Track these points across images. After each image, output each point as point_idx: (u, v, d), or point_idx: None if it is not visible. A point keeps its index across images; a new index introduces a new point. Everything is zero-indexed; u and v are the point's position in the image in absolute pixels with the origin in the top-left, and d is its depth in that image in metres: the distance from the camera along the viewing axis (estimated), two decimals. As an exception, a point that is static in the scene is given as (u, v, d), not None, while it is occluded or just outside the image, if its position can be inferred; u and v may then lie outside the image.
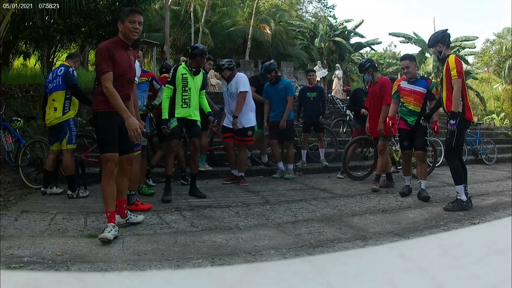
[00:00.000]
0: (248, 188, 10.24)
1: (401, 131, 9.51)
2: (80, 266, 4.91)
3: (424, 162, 9.49)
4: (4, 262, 4.90)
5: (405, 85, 9.33)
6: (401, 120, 9.43)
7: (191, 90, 8.79)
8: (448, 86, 8.15)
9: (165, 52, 32.33)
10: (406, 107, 9.30)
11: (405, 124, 9.33)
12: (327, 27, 42.37)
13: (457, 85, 7.97)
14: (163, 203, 8.51)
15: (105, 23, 16.98)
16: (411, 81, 9.26)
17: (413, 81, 9.26)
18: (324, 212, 7.92)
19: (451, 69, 8.03)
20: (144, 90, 9.21)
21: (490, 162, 15.98)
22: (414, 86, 9.24)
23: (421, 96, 9.21)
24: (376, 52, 61.32)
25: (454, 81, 8.00)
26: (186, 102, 8.75)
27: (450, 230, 2.94)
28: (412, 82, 9.26)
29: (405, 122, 9.32)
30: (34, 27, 18.00)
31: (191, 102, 8.77)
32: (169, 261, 5.14)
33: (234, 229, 6.71)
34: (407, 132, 9.33)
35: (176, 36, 38.70)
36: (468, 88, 34.21)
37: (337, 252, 0.94)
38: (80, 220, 7.09)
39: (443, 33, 8.49)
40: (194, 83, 8.87)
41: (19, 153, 9.99)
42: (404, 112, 9.36)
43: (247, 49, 37.34)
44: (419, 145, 9.21)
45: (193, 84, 8.85)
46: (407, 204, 8.65)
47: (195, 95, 8.85)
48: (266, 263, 0.84)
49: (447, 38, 8.41)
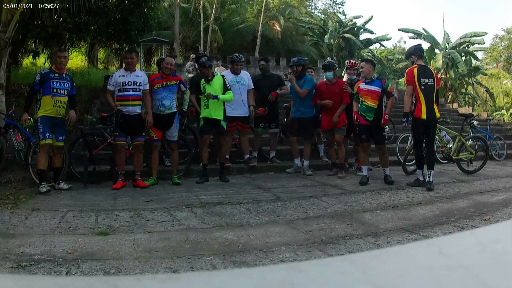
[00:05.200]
0: (259, 185, 10.25)
1: (360, 126, 10.64)
2: (91, 263, 4.91)
3: (385, 153, 10.71)
4: (15, 260, 4.91)
5: (363, 86, 10.56)
6: (360, 116, 10.52)
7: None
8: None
9: (175, 50, 32.30)
10: (365, 105, 10.48)
11: (364, 120, 10.46)
12: (337, 24, 42.20)
13: (406, 91, 10.13)
14: (196, 183, 10.29)
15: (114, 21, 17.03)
16: (368, 82, 10.50)
17: (369, 82, 10.48)
18: (335, 208, 7.92)
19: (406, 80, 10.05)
20: (173, 92, 10.47)
21: (500, 158, 15.88)
22: (370, 86, 10.45)
23: (376, 94, 10.42)
24: (385, 48, 61.13)
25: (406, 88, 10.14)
26: (206, 104, 10.41)
27: (485, 225, 2.93)
28: (368, 83, 10.49)
29: (364, 118, 10.46)
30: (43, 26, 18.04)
31: (210, 105, 10.36)
32: (181, 258, 5.13)
33: (245, 226, 6.70)
34: (366, 127, 10.49)
35: (186, 34, 38.65)
36: (477, 84, 34.18)
37: (376, 250, 0.92)
38: (91, 217, 7.10)
39: (415, 47, 10.54)
40: (211, 89, 10.34)
41: (29, 151, 10.02)
42: (363, 109, 10.51)
43: (257, 46, 37.19)
44: (379, 139, 10.67)
45: (211, 90, 10.31)
46: (418, 200, 8.62)
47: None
48: (307, 263, 0.82)
49: (418, 51, 10.26)
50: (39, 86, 9.20)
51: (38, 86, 9.19)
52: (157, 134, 10.24)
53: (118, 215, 7.27)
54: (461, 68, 31.37)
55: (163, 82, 10.23)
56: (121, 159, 9.88)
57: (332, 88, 11.44)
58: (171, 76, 10.42)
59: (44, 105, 9.18)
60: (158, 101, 10.17)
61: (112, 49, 25.34)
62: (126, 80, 9.81)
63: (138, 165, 10.13)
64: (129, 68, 10.02)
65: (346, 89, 11.25)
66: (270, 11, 40.29)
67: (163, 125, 10.27)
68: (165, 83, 10.24)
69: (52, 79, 9.20)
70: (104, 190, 9.46)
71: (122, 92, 9.78)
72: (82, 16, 16.57)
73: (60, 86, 9.28)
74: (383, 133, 10.96)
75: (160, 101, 10.14)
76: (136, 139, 10.00)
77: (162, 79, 10.25)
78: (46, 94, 9.19)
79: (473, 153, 11.96)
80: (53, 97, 9.19)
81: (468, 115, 14.78)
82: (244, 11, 41.88)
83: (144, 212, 7.50)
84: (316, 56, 38.66)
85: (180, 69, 20.41)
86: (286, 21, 40.91)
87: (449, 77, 32.68)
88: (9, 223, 6.68)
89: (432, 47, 35.02)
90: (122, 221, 6.91)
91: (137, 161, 10.10)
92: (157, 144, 10.38)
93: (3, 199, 8.22)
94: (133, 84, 9.85)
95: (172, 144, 10.54)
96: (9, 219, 6.90)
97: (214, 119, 10.46)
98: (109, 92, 9.96)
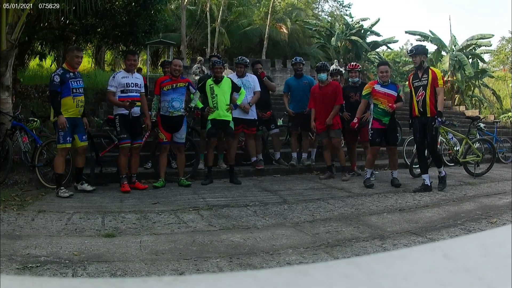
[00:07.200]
0: (266, 187, 10.26)
1: (375, 130, 10.45)
2: (97, 265, 4.90)
3: (395, 155, 10.82)
4: (21, 262, 4.91)
5: (380, 88, 10.44)
6: (375, 120, 10.46)
7: (218, 96, 10.55)
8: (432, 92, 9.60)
9: (182, 52, 32.34)
10: (381, 108, 10.38)
11: (380, 124, 10.40)
12: (343, 26, 42.29)
13: (442, 92, 9.72)
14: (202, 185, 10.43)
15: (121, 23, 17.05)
16: (384, 85, 10.43)
17: (386, 85, 10.45)
18: (342, 211, 7.90)
19: (438, 78, 9.61)
20: (182, 94, 10.47)
21: (506, 161, 15.84)
22: (387, 90, 10.41)
23: (393, 98, 10.39)
24: (392, 50, 61.15)
25: (439, 89, 9.63)
26: (215, 105, 10.55)
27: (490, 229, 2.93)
28: (385, 86, 10.43)
29: (380, 122, 10.41)
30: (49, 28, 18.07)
31: (219, 105, 10.53)
32: (187, 261, 5.12)
33: (252, 228, 6.70)
34: (381, 130, 10.41)
35: (193, 36, 38.70)
36: (484, 86, 34.14)
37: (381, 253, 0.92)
38: (97, 219, 7.11)
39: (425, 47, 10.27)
40: (220, 90, 10.58)
41: (36, 153, 10.03)
42: (378, 113, 10.43)
43: (264, 48, 37.18)
44: (393, 140, 10.68)
45: (220, 91, 10.57)
46: (425, 203, 8.59)
47: (222, 99, 10.57)
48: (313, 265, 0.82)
49: (427, 52, 10.33)
50: (60, 87, 9.07)
51: (59, 87, 9.03)
52: (166, 136, 10.24)
53: (124, 217, 7.28)
54: (468, 71, 31.39)
55: (173, 84, 10.24)
56: (125, 162, 9.88)
57: (325, 90, 11.52)
58: (180, 78, 10.47)
59: (65, 107, 9.06)
60: (167, 103, 10.18)
61: (118, 51, 25.36)
62: (129, 81, 9.84)
63: (135, 167, 10.18)
64: (130, 70, 10.04)
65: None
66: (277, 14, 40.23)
67: (173, 127, 10.27)
68: (174, 85, 10.25)
69: (70, 79, 9.10)
70: (111, 192, 9.48)
71: (126, 94, 9.76)
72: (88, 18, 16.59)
73: (77, 85, 9.23)
74: (397, 134, 11.09)
75: (170, 103, 10.15)
76: (135, 142, 9.97)
77: (172, 81, 10.26)
78: (66, 96, 9.07)
79: (480, 156, 11.89)
80: (74, 98, 9.12)
81: (475, 118, 14.80)
82: (251, 13, 41.85)
83: (151, 214, 7.51)
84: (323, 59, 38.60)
85: (187, 72, 20.46)
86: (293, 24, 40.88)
87: (456, 79, 32.69)
88: (15, 224, 6.69)
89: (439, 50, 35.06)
90: (129, 223, 6.92)
91: (134, 163, 10.12)
92: (166, 146, 10.40)
93: (10, 201, 8.24)
94: (135, 86, 9.91)
95: (180, 145, 10.56)
96: (16, 220, 6.91)
97: (223, 121, 10.60)
98: (112, 93, 9.86)
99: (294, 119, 12.62)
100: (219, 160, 12.04)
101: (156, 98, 10.41)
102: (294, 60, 13.12)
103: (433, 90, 9.57)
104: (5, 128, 10.81)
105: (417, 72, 9.89)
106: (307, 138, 12.74)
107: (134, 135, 9.92)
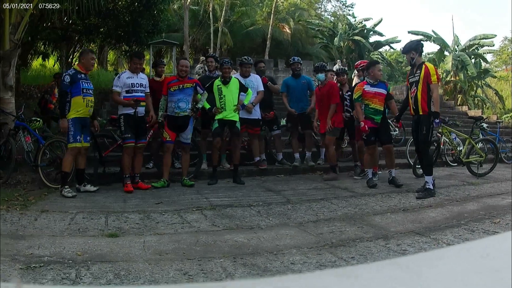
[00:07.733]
0: (269, 187, 10.26)
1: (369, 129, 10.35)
2: (100, 265, 4.89)
3: (392, 153, 10.68)
4: (24, 262, 4.90)
5: (369, 88, 10.54)
6: (367, 119, 10.42)
7: (226, 97, 10.65)
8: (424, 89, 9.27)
9: (185, 52, 32.37)
10: (372, 107, 10.52)
11: (372, 123, 10.40)
12: (346, 26, 42.33)
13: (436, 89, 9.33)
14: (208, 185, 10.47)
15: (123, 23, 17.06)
16: (374, 84, 10.54)
17: (375, 84, 10.54)
18: (346, 211, 7.89)
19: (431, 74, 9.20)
20: (189, 95, 10.46)
21: (509, 161, 15.80)
22: (376, 89, 10.53)
23: (383, 97, 10.55)
24: (395, 50, 61.07)
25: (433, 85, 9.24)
26: (222, 106, 10.65)
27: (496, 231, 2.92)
28: (374, 85, 10.53)
29: (372, 121, 10.42)
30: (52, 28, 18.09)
31: (226, 106, 10.64)
32: (191, 261, 5.11)
33: (256, 229, 6.69)
34: (374, 129, 10.41)
35: (195, 36, 38.76)
36: (487, 86, 34.13)
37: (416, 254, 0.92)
38: (100, 219, 7.10)
39: (417, 42, 9.86)
40: (228, 90, 10.68)
41: (39, 152, 10.04)
42: (370, 112, 10.52)
43: (267, 48, 37.25)
44: (387, 138, 10.70)
45: (228, 91, 10.67)
46: (428, 203, 8.57)
47: (230, 100, 10.67)
48: (356, 267, 0.82)
49: (420, 47, 9.57)
50: (70, 88, 9.12)
51: (69, 88, 9.09)
52: (170, 136, 10.25)
53: (128, 217, 7.28)
54: (471, 71, 31.37)
55: (180, 85, 10.26)
56: (129, 162, 9.87)
57: (323, 90, 11.66)
58: (187, 79, 10.49)
59: (75, 107, 9.12)
60: (174, 103, 10.22)
61: (121, 51, 25.39)
62: (134, 82, 9.87)
63: (138, 167, 10.18)
64: (135, 71, 10.05)
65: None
66: (279, 14, 40.32)
67: (178, 127, 10.30)
68: (181, 86, 10.27)
69: (81, 80, 9.16)
70: (114, 192, 9.49)
71: (131, 94, 9.78)
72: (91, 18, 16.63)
73: (88, 86, 9.30)
74: (390, 133, 11.18)
75: (176, 103, 10.19)
76: (139, 142, 9.99)
77: (179, 82, 10.29)
78: (77, 95, 9.12)
79: (483, 156, 11.86)
80: (84, 97, 9.16)
81: (477, 118, 14.82)
82: (253, 13, 41.93)
83: (154, 214, 7.51)
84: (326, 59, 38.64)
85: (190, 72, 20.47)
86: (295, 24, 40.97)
87: (459, 79, 32.67)
88: (18, 224, 6.69)
89: (442, 50, 35.00)
90: (132, 223, 6.91)
91: (137, 163, 10.11)
92: (170, 146, 10.38)
93: (13, 200, 8.25)
94: (140, 86, 9.93)
95: (185, 146, 10.57)
96: (19, 220, 6.91)
97: (230, 121, 10.72)
98: (117, 93, 9.88)
99: (293, 119, 12.59)
100: (222, 160, 12.03)
101: (164, 98, 10.38)
102: (292, 60, 13.13)
103: (425, 86, 9.22)
104: (8, 128, 10.82)
105: (412, 69, 9.71)
106: (311, 138, 12.71)
107: (139, 135, 9.92)
